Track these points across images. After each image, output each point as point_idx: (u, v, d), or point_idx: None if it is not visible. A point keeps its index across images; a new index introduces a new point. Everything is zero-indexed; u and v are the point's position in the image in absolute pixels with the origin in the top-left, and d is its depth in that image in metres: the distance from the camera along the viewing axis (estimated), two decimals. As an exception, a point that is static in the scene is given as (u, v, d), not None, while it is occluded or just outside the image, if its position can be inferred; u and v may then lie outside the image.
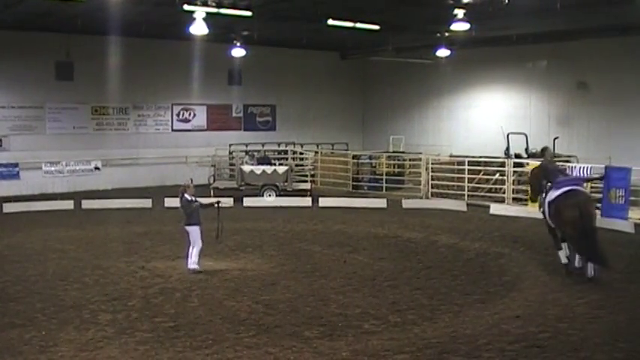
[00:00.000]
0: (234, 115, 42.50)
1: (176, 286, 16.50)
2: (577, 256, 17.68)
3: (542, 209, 18.79)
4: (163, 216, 27.08)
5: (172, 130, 40.33)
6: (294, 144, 39.66)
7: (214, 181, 34.35)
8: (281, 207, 29.92)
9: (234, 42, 35.97)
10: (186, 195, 18.46)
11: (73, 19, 30.02)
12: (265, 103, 43.27)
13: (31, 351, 12.01)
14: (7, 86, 35.07)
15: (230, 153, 38.19)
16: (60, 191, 34.02)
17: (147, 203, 30.46)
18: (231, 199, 29.94)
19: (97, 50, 33.85)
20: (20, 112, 35.84)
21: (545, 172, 18.91)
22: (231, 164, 37.61)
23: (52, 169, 34.99)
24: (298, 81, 42.41)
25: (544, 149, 20.98)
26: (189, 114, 40.91)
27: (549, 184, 18.30)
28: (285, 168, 32.92)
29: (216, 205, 18.95)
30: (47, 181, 34.96)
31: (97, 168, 36.53)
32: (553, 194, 17.77)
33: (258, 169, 32.57)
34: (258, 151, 36.87)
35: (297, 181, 33.79)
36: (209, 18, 26.59)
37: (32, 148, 35.39)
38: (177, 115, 40.52)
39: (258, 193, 32.03)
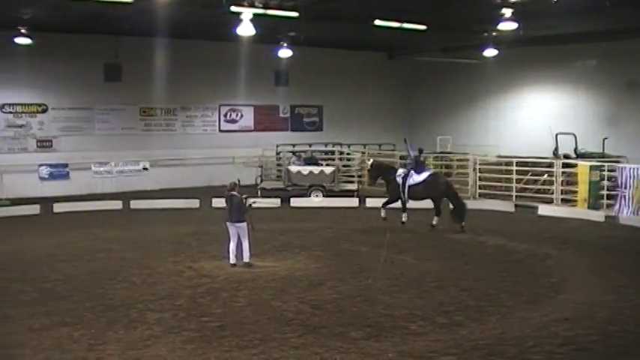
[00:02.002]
0: (281, 115, 42.60)
1: (223, 286, 16.56)
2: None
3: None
4: (210, 216, 27.18)
5: (220, 130, 40.53)
6: (340, 144, 39.64)
7: (261, 181, 34.45)
8: (328, 207, 29.90)
9: (281, 43, 36.00)
10: (233, 192, 18.66)
11: (122, 21, 30.29)
12: (312, 104, 43.30)
13: (79, 349, 12.12)
14: (57, 88, 35.50)
15: (277, 153, 38.27)
16: (108, 191, 34.34)
17: (194, 203, 30.62)
18: (279, 200, 30.02)
19: (145, 52, 34.10)
20: (70, 113, 36.28)
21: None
22: (278, 165, 37.70)
23: (101, 169, 35.37)
24: (345, 81, 42.31)
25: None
26: (237, 115, 41.07)
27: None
28: (332, 168, 32.92)
29: (249, 205, 19.10)
30: (96, 181, 35.35)
31: (145, 168, 36.85)
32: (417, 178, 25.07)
33: (305, 170, 32.61)
34: (305, 151, 36.86)
35: (343, 182, 33.78)
36: (256, 19, 26.63)
37: (81, 149, 35.78)
38: (225, 115, 40.72)
39: (305, 194, 32.06)
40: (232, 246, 18.59)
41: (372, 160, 27.61)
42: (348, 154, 38.59)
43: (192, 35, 34.18)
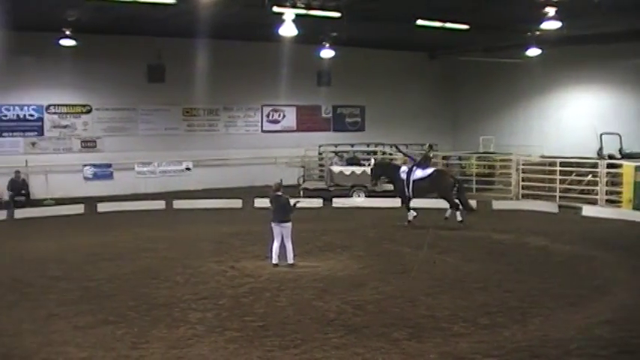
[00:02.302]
0: (323, 115, 42.65)
1: (265, 286, 16.58)
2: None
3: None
4: (253, 216, 27.28)
5: (262, 131, 40.67)
6: (383, 144, 39.57)
7: (304, 181, 34.48)
8: (370, 208, 29.87)
9: (323, 43, 35.99)
10: (279, 193, 18.77)
11: (164, 22, 30.52)
12: (354, 104, 43.30)
13: (123, 347, 12.21)
14: (101, 89, 35.83)
15: (319, 154, 38.30)
16: (151, 191, 34.57)
17: (237, 203, 30.76)
18: (321, 200, 30.06)
19: (188, 52, 34.29)
20: (113, 114, 36.64)
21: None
22: (320, 165, 37.73)
23: (144, 169, 35.64)
24: (387, 81, 42.23)
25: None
26: (279, 115, 41.18)
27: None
28: (374, 169, 32.85)
29: (293, 205, 19.16)
30: (139, 181, 35.62)
31: (187, 168, 37.07)
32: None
33: (348, 170, 32.62)
34: (348, 151, 36.85)
35: (386, 182, 33.68)
36: (298, 19, 26.65)
37: (125, 149, 36.09)
38: (267, 116, 40.85)
39: (348, 194, 32.06)
40: (275, 246, 18.62)
41: (374, 160, 27.62)
42: (390, 154, 38.48)
43: (234, 36, 34.35)
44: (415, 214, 25.79)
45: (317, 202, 30.49)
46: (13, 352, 12.02)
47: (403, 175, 25.92)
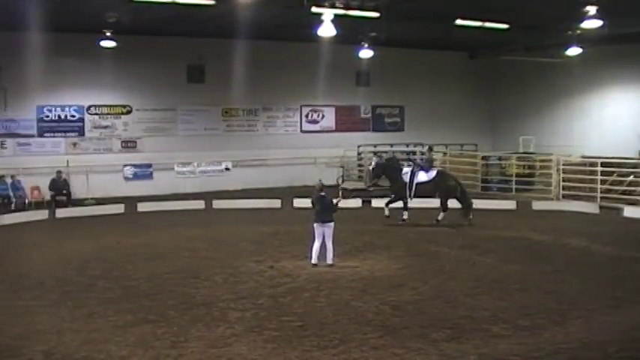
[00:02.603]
0: (362, 116, 42.60)
1: (304, 286, 16.59)
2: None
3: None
4: (292, 216, 27.32)
5: (301, 131, 40.72)
6: (422, 145, 39.41)
7: (343, 181, 34.48)
8: (409, 208, 29.74)
9: (362, 43, 35.96)
10: (323, 193, 18.82)
11: (205, 23, 30.65)
12: (393, 104, 43.19)
13: (162, 346, 12.28)
14: (142, 89, 36.12)
15: (358, 154, 38.26)
16: (191, 191, 34.74)
17: (276, 203, 30.81)
18: (360, 200, 30.03)
19: (227, 53, 34.35)
20: (154, 114, 36.89)
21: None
22: (359, 165, 37.67)
23: (184, 169, 35.83)
24: (426, 81, 42.10)
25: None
26: (318, 115, 41.21)
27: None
28: (414, 169, 32.73)
29: (335, 204, 19.19)
30: (179, 181, 35.83)
31: (227, 169, 37.20)
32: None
33: (387, 170, 32.51)
34: (387, 152, 36.75)
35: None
36: (337, 19, 26.64)
37: (165, 150, 36.32)
38: (306, 116, 40.89)
39: (387, 194, 31.95)
40: (316, 246, 18.61)
41: (375, 160, 27.79)
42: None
43: (273, 36, 34.42)
44: (388, 215, 25.96)
45: (356, 203, 30.44)
46: (54, 349, 12.13)
47: (405, 177, 26.22)
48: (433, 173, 26.52)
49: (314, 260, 18.57)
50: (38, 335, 12.92)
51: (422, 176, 26.14)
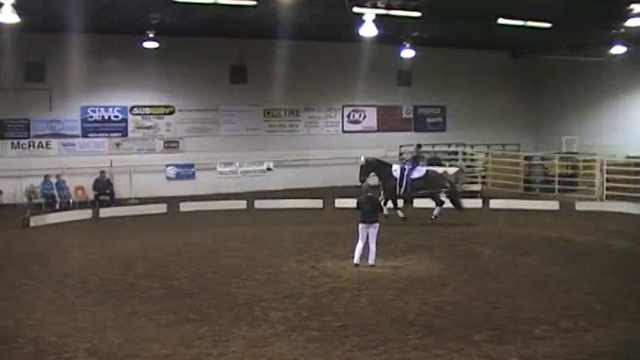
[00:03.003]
0: (404, 116, 42.53)
1: (345, 286, 16.58)
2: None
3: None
4: (333, 216, 27.32)
5: (343, 131, 40.74)
6: (464, 145, 39.21)
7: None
8: (451, 208, 29.62)
9: (404, 43, 35.89)
10: (369, 193, 18.86)
11: (246, 24, 30.77)
12: (435, 104, 43.06)
13: (204, 345, 12.33)
14: (185, 90, 36.38)
15: (400, 154, 38.14)
16: (233, 191, 34.90)
17: (317, 204, 30.81)
18: (401, 201, 29.98)
19: (269, 53, 34.42)
20: (196, 114, 37.14)
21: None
22: (401, 165, 37.58)
23: (226, 169, 36.03)
24: (468, 81, 41.83)
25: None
26: (360, 115, 41.22)
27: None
28: (456, 169, 32.60)
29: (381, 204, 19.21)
30: (221, 181, 36.03)
31: (269, 169, 37.30)
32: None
33: (429, 170, 32.44)
34: (429, 152, 36.62)
35: (467, 183, 33.41)
36: (378, 19, 26.62)
37: (207, 150, 36.54)
38: (348, 116, 40.92)
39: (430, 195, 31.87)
40: (360, 246, 18.56)
41: (364, 158, 27.50)
42: (471, 154, 38.15)
43: (315, 37, 34.43)
44: (387, 214, 25.59)
45: (398, 203, 30.34)
46: (97, 347, 12.24)
47: (396, 174, 26.42)
48: (423, 170, 26.94)
49: (356, 260, 18.51)
50: (81, 333, 13.05)
51: (413, 173, 26.47)
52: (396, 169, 26.58)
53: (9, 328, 13.44)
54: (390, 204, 26.45)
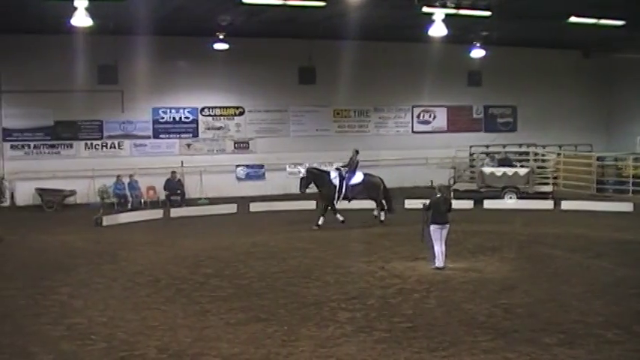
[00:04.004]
0: (474, 116, 42.22)
1: (414, 287, 16.52)
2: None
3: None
4: (403, 217, 27.21)
5: (412, 131, 40.59)
6: (535, 145, 38.74)
7: (454, 182, 34.21)
8: (521, 209, 29.35)
9: (474, 42, 35.64)
10: (443, 194, 18.82)
11: (315, 25, 30.85)
12: (506, 104, 42.64)
13: (273, 344, 12.39)
14: (254, 91, 36.61)
15: (470, 154, 37.88)
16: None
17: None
18: (472, 201, 29.80)
19: (338, 54, 34.49)
20: (265, 115, 37.37)
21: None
22: (471, 166, 37.30)
23: (296, 170, 36.09)
24: (539, 81, 41.34)
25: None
26: (430, 115, 41.05)
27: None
28: (527, 170, 32.32)
29: (423, 208, 19.09)
30: (290, 181, 36.04)
31: (337, 169, 37.25)
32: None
33: (499, 171, 32.20)
34: (499, 152, 36.28)
35: (538, 184, 33.00)
36: (448, 19, 26.46)
37: (276, 150, 36.74)
38: (418, 116, 40.76)
39: (499, 195, 31.63)
40: (438, 248, 18.41)
41: (305, 168, 27.79)
42: (542, 155, 37.68)
43: (383, 37, 34.40)
44: (342, 219, 26.11)
45: (468, 204, 30.16)
46: (168, 345, 12.38)
47: (336, 181, 26.53)
48: (361, 175, 27.05)
49: (440, 264, 18.35)
50: (152, 331, 13.22)
51: (353, 179, 26.71)
52: (335, 176, 26.77)
53: (82, 325, 13.69)
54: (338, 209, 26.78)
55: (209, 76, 35.53)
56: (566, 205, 29.72)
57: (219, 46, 33.13)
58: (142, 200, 33.06)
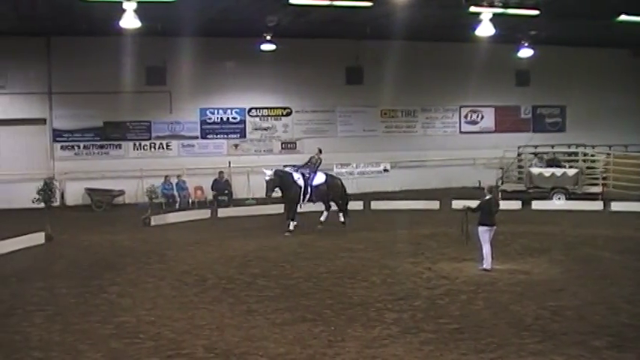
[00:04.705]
0: (522, 116, 41.94)
1: (462, 288, 16.44)
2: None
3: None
4: (450, 218, 27.08)
5: (460, 132, 40.43)
6: (584, 146, 38.34)
7: (502, 183, 33.97)
8: (570, 210, 29.09)
9: (522, 42, 35.40)
10: (492, 195, 18.73)
11: (362, 25, 30.86)
12: (554, 104, 42.29)
13: (319, 345, 12.40)
14: (301, 92, 36.72)
15: (518, 155, 37.60)
16: (349, 192, 34.86)
17: (434, 205, 30.62)
18: (520, 202, 29.61)
19: (385, 54, 34.48)
20: (312, 116, 37.44)
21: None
22: (519, 167, 37.02)
23: (343, 170, 36.02)
24: (588, 80, 40.91)
25: None
26: (477, 116, 40.86)
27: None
28: (576, 170, 32.01)
29: (463, 209, 19.07)
30: (338, 182, 36.13)
31: (385, 170, 37.21)
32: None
33: (548, 172, 31.94)
34: (547, 152, 35.96)
35: (587, 184, 32.66)
36: (495, 19, 26.32)
37: (323, 151, 36.64)
38: (465, 117, 40.59)
39: (547, 196, 31.38)
40: (487, 250, 18.33)
41: (270, 171, 26.03)
42: (592, 155, 37.28)
43: (431, 37, 34.34)
44: (296, 223, 25.30)
45: (516, 205, 29.96)
46: (214, 345, 12.45)
47: (300, 182, 25.62)
48: (323, 176, 26.45)
49: (487, 265, 18.24)
50: (199, 330, 13.31)
51: (316, 179, 25.95)
52: (298, 177, 25.82)
53: (131, 323, 13.83)
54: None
55: (256, 76, 35.68)
56: (615, 206, 29.38)
57: (267, 46, 33.27)
58: (190, 200, 33.31)
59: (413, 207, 30.52)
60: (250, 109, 36.59)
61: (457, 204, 27.41)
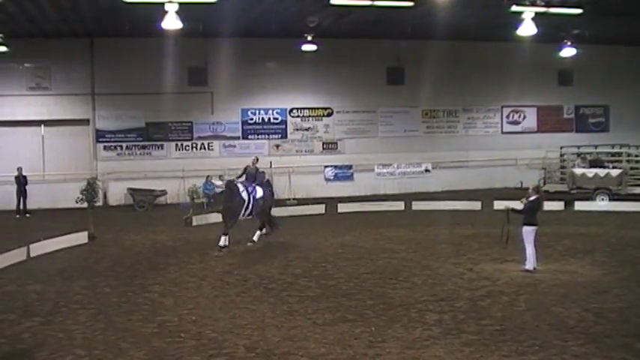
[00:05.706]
0: (565, 116, 41.62)
1: (503, 290, 16.32)
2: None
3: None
4: (492, 218, 26.93)
5: (502, 132, 40.21)
6: (628, 146, 37.92)
7: (544, 184, 33.69)
8: (614, 212, 28.79)
9: (564, 41, 35.14)
10: (538, 195, 18.63)
11: (403, 25, 30.83)
12: (598, 104, 41.91)
13: (360, 345, 12.37)
14: (342, 92, 36.75)
15: (561, 155, 37.30)
16: (390, 192, 35.01)
17: (476, 205, 30.49)
18: (562, 203, 29.37)
19: (426, 54, 34.43)
20: (354, 116, 37.46)
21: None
22: (562, 167, 36.74)
23: (384, 170, 36.15)
24: (632, 80, 40.53)
25: None
26: (519, 116, 40.62)
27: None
28: (619, 171, 31.71)
29: (505, 210, 18.94)
30: (379, 182, 36.18)
31: (426, 170, 37.17)
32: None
33: (591, 172, 31.66)
34: (591, 153, 35.64)
35: (631, 185, 32.31)
36: (538, 18, 26.15)
37: (365, 151, 36.78)
38: (507, 117, 40.38)
39: (590, 197, 31.10)
40: (531, 250, 18.16)
41: (222, 182, 23.97)
42: (636, 155, 36.87)
43: (472, 37, 34.19)
44: (225, 238, 22.43)
45: (558, 205, 29.73)
46: (256, 344, 12.47)
47: (245, 195, 22.92)
48: (261, 190, 23.66)
49: (531, 266, 18.07)
50: (241, 330, 13.34)
51: (259, 192, 23.43)
52: (242, 189, 23.08)
53: (173, 323, 13.90)
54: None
55: (297, 77, 35.82)
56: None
57: (308, 47, 33.35)
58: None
59: (454, 207, 30.41)
60: (291, 110, 36.69)
61: (499, 204, 27.29)
